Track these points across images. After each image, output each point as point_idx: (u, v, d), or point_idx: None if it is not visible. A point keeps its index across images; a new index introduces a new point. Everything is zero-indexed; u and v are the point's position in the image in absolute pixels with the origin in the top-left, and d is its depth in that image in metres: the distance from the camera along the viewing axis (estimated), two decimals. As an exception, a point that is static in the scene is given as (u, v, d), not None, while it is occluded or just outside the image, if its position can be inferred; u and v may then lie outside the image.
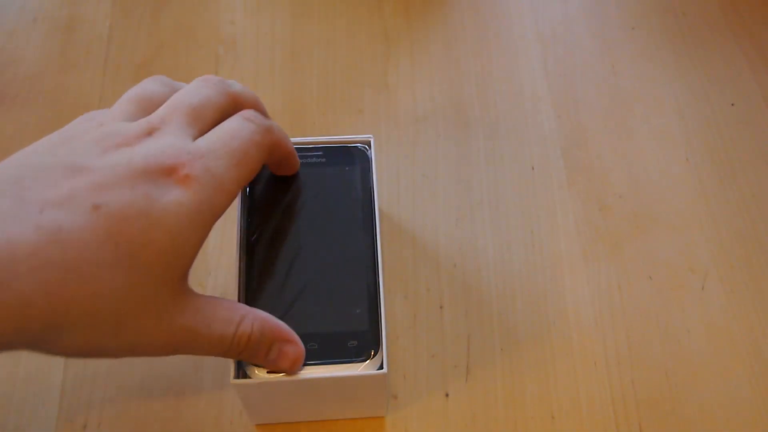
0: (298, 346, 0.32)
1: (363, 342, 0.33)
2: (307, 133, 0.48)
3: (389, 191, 0.45)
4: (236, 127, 0.32)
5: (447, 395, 0.39)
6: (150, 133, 0.30)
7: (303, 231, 0.36)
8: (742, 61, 0.52)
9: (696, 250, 0.44)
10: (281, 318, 0.32)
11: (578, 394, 0.39)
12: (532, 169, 0.47)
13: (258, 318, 0.31)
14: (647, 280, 0.43)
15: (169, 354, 0.29)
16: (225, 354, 0.31)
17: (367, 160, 0.38)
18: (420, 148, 0.47)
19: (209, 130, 0.32)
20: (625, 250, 0.44)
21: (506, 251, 0.43)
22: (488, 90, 0.50)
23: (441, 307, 0.41)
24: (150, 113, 0.32)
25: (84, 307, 0.26)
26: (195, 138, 0.31)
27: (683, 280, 0.43)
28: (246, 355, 0.31)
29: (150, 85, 0.33)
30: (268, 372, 0.32)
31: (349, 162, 0.38)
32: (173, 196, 0.28)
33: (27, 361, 0.39)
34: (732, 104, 0.50)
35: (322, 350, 0.33)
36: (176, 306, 0.29)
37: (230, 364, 0.33)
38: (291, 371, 0.32)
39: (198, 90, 0.33)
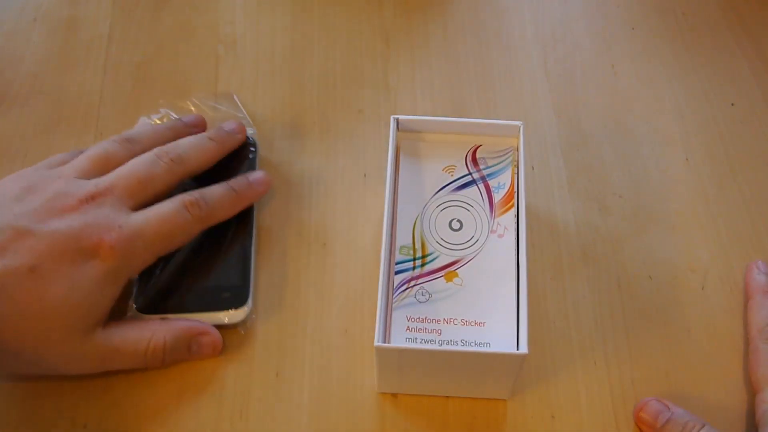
0: (212, 335, 0.38)
1: (235, 294, 0.40)
2: (308, 132, 0.48)
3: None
4: (173, 213, 0.38)
5: (447, 396, 0.39)
6: (94, 198, 0.37)
7: None
8: (742, 61, 0.52)
9: (696, 250, 0.44)
10: (170, 275, 0.40)
11: (578, 394, 0.39)
12: (532, 169, 0.47)
13: (170, 329, 0.38)
14: (647, 280, 0.43)
15: (96, 371, 0.37)
16: (148, 365, 0.37)
17: (252, 152, 0.45)
18: (420, 148, 0.47)
19: (151, 199, 0.38)
20: (625, 250, 0.44)
21: (506, 251, 0.43)
22: (488, 90, 0.50)
23: (441, 307, 0.41)
24: (105, 172, 0.38)
25: (13, 344, 0.34)
26: (133, 208, 0.38)
27: (683, 280, 0.43)
28: (170, 360, 0.38)
29: (110, 146, 0.40)
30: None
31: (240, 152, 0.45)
32: (94, 265, 0.35)
33: (27, 361, 0.39)
34: (732, 104, 0.50)
35: (201, 300, 0.39)
36: (89, 343, 0.36)
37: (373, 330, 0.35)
38: (214, 355, 0.39)
39: (151, 165, 0.39)
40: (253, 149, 0.46)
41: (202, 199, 0.39)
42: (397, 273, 0.37)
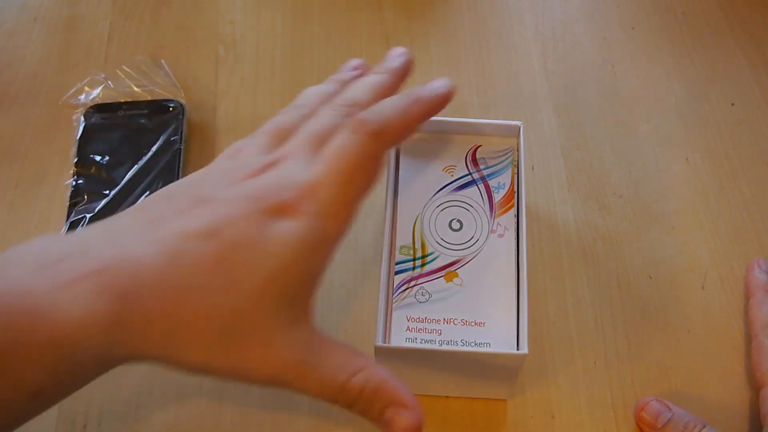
0: (413, 413, 0.30)
1: None
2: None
3: (389, 191, 0.45)
4: (344, 145, 0.32)
5: (447, 396, 0.39)
6: (273, 163, 0.32)
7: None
8: (742, 61, 0.52)
9: (696, 250, 0.44)
10: None
11: (578, 393, 0.39)
12: (533, 169, 0.47)
13: (376, 375, 0.30)
14: (647, 280, 0.43)
15: (273, 386, 0.29)
16: (333, 400, 0.30)
17: (178, 117, 0.47)
18: (420, 148, 0.47)
19: None
20: (625, 250, 0.44)
21: (506, 251, 0.43)
22: (488, 90, 0.50)
23: (441, 307, 0.41)
24: (282, 143, 0.34)
25: (196, 327, 0.27)
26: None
27: (683, 280, 0.43)
28: (357, 409, 0.30)
29: (282, 117, 0.35)
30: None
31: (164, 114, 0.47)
32: (284, 227, 0.29)
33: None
34: (732, 104, 0.50)
35: None
36: (286, 338, 0.29)
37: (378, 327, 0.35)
38: None
39: (323, 119, 0.34)
40: (180, 116, 0.47)
41: (368, 112, 0.33)
42: (397, 273, 0.37)
